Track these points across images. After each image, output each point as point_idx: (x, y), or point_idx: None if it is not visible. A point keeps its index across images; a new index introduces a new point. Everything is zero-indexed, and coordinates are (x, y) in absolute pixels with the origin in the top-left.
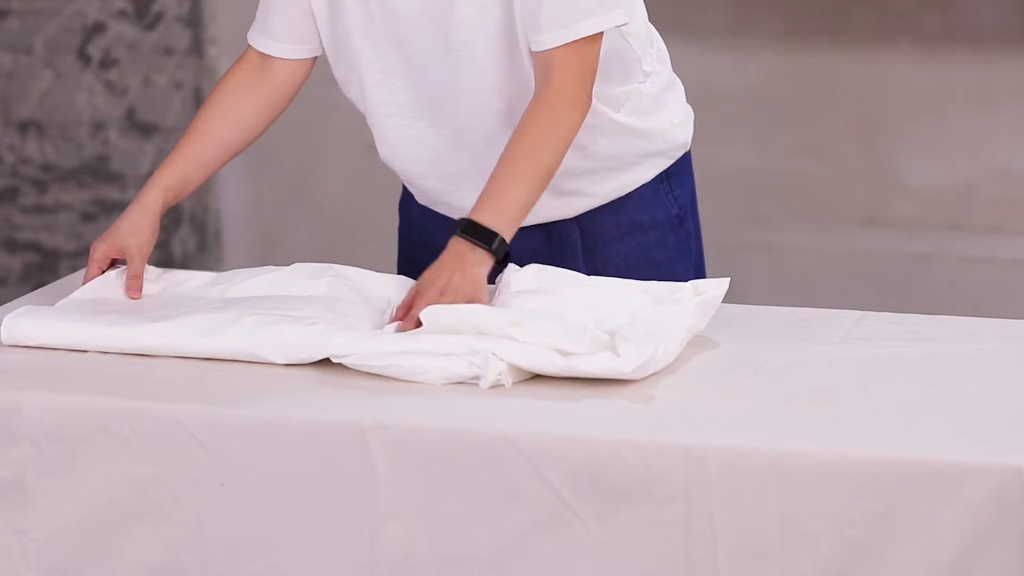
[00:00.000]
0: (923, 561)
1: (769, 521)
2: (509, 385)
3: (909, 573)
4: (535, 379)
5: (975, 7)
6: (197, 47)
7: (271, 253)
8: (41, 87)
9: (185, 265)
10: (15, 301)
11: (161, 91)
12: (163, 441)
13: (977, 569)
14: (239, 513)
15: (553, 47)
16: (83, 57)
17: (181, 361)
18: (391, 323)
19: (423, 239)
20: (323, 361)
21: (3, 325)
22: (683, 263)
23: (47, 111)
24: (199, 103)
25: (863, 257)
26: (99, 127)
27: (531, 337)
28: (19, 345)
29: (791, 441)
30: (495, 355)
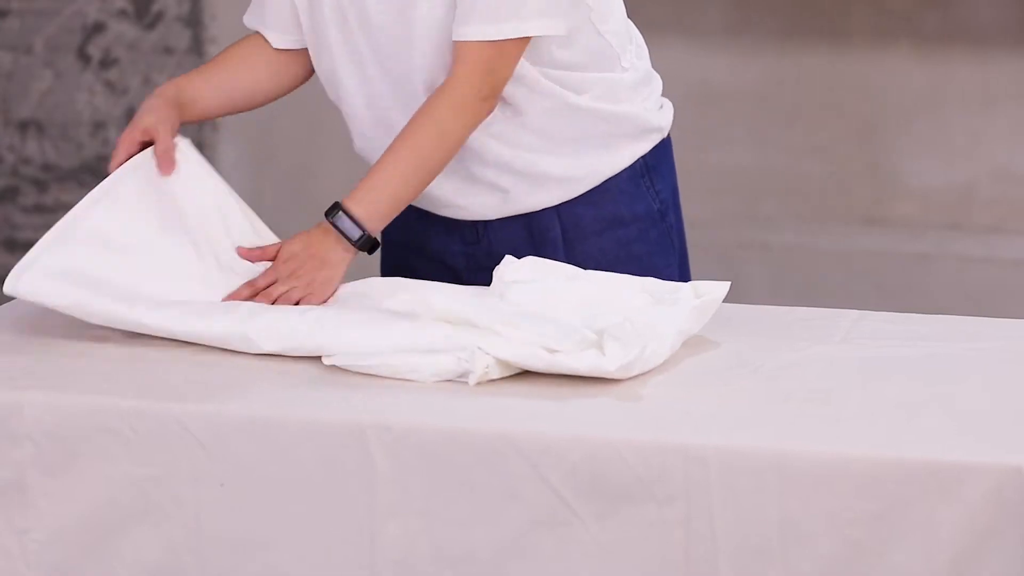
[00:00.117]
0: (923, 561)
1: (769, 521)
2: (496, 376)
3: (909, 573)
4: (534, 379)
5: (974, 7)
6: (197, 47)
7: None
8: (41, 87)
9: None
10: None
11: None
12: (163, 441)
13: (977, 569)
14: (239, 513)
15: (462, 40)
16: (83, 57)
17: (181, 361)
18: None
19: (407, 238)
20: (321, 360)
21: (12, 275)
22: (665, 258)
23: (47, 111)
24: None
25: (863, 257)
26: (99, 127)
27: (519, 334)
28: (22, 297)
29: (791, 441)
30: (481, 349)
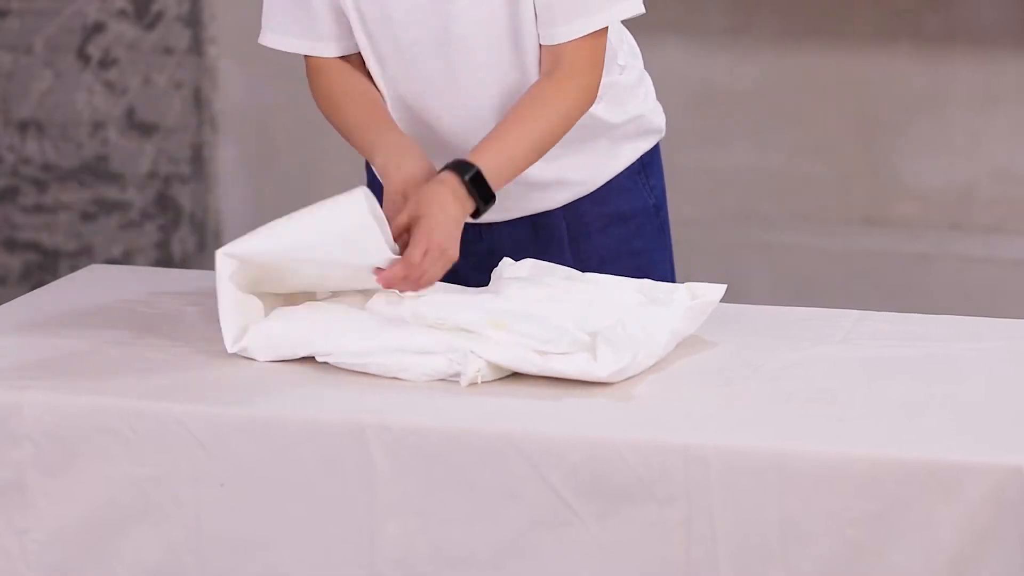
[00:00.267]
0: (922, 561)
1: (769, 521)
2: (489, 378)
3: (908, 573)
4: (534, 379)
5: (975, 7)
6: (197, 47)
7: None
8: (41, 87)
9: (185, 265)
10: (15, 301)
11: (161, 91)
12: (163, 441)
13: (976, 569)
14: (239, 513)
15: (567, 40)
16: (83, 57)
17: (181, 361)
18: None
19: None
20: (319, 361)
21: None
22: (661, 252)
23: (47, 111)
24: (199, 103)
25: (863, 257)
26: (99, 127)
27: (511, 337)
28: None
29: (791, 441)
30: (474, 352)
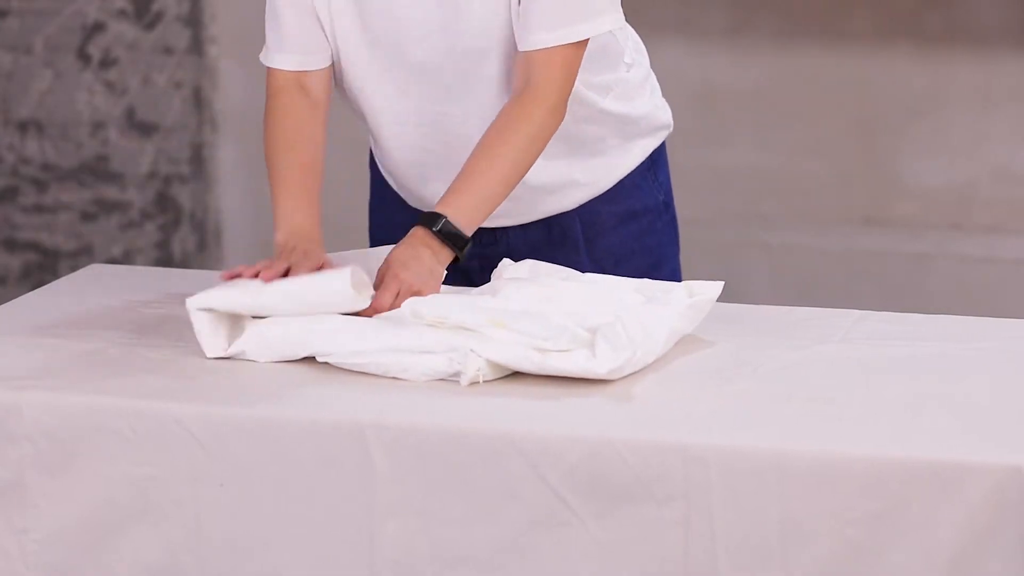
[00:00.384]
0: (923, 561)
1: (769, 521)
2: (489, 377)
3: (909, 573)
4: (533, 379)
5: (976, 7)
6: (197, 47)
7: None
8: (41, 87)
9: (185, 265)
10: (15, 301)
11: (161, 91)
12: (162, 441)
13: (977, 569)
14: (238, 513)
15: (539, 48)
16: (83, 57)
17: (180, 361)
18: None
19: None
20: (319, 361)
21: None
22: (672, 247)
23: (47, 111)
24: (199, 102)
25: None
26: (99, 126)
27: (510, 336)
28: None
29: (791, 441)
30: (473, 352)
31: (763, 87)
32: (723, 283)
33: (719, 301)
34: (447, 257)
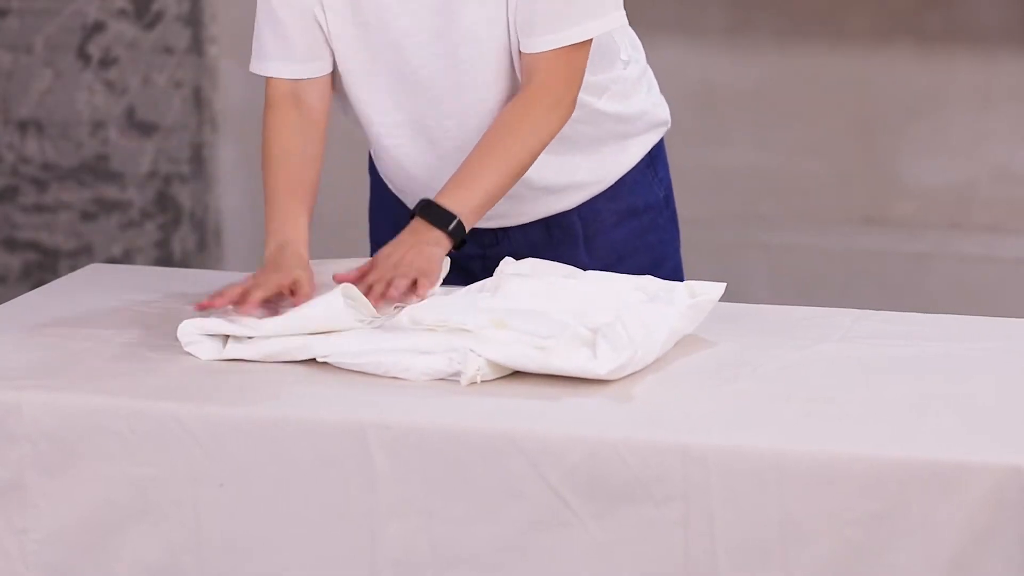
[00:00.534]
0: (923, 561)
1: (769, 521)
2: (489, 377)
3: (909, 573)
4: (533, 378)
5: (976, 7)
6: (197, 46)
7: None
8: (41, 86)
9: (185, 264)
10: (15, 301)
11: (161, 90)
12: (162, 441)
13: (977, 569)
14: (238, 513)
15: (542, 51)
16: (83, 56)
17: (180, 361)
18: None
19: None
20: (319, 361)
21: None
22: (673, 244)
23: (47, 110)
24: (199, 102)
25: (863, 257)
26: (99, 126)
27: (511, 335)
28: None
29: (790, 441)
30: (473, 351)
31: (763, 87)
32: (725, 284)
33: (719, 301)
34: (446, 244)
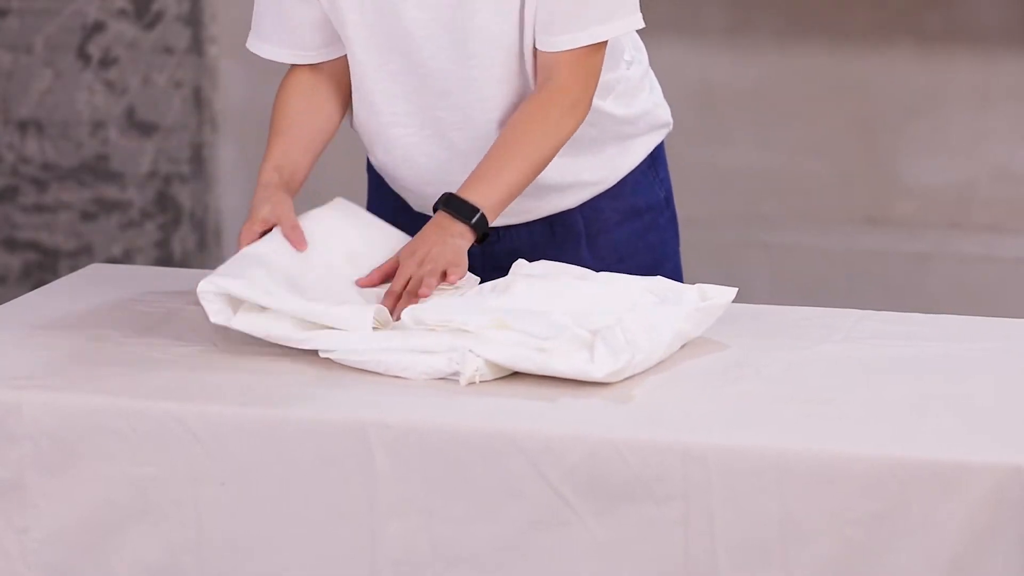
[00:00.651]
0: (923, 561)
1: (769, 520)
2: (488, 378)
3: (909, 573)
4: (534, 378)
5: (976, 6)
6: (197, 46)
7: None
8: (41, 86)
9: (185, 264)
10: (15, 301)
11: (161, 90)
12: (163, 440)
13: (977, 569)
14: (239, 513)
15: (562, 50)
16: (83, 56)
17: (181, 361)
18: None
19: None
20: (323, 360)
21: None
22: (673, 244)
23: (47, 110)
24: (199, 102)
25: (863, 257)
26: (99, 126)
27: (511, 336)
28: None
29: (791, 440)
30: (472, 352)
31: (763, 87)
32: (736, 289)
33: None
34: (469, 237)
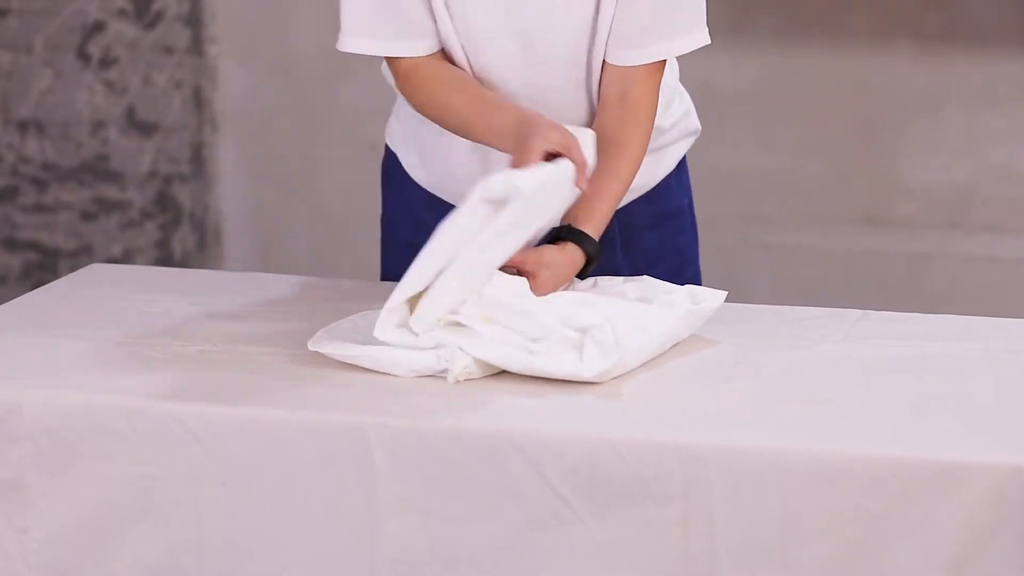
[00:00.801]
0: (923, 561)
1: (769, 520)
2: (477, 375)
3: (909, 573)
4: (531, 378)
5: (976, 6)
6: (197, 46)
7: (271, 253)
8: (41, 86)
9: (185, 264)
10: (15, 301)
11: (161, 90)
12: (163, 440)
13: (977, 569)
14: (239, 512)
15: (638, 64)
16: (83, 56)
17: (181, 361)
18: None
19: None
20: (323, 360)
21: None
22: (694, 248)
23: (47, 110)
24: (199, 102)
25: (863, 257)
26: (99, 126)
27: (499, 334)
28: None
29: (791, 440)
30: (462, 350)
31: (763, 87)
32: (726, 293)
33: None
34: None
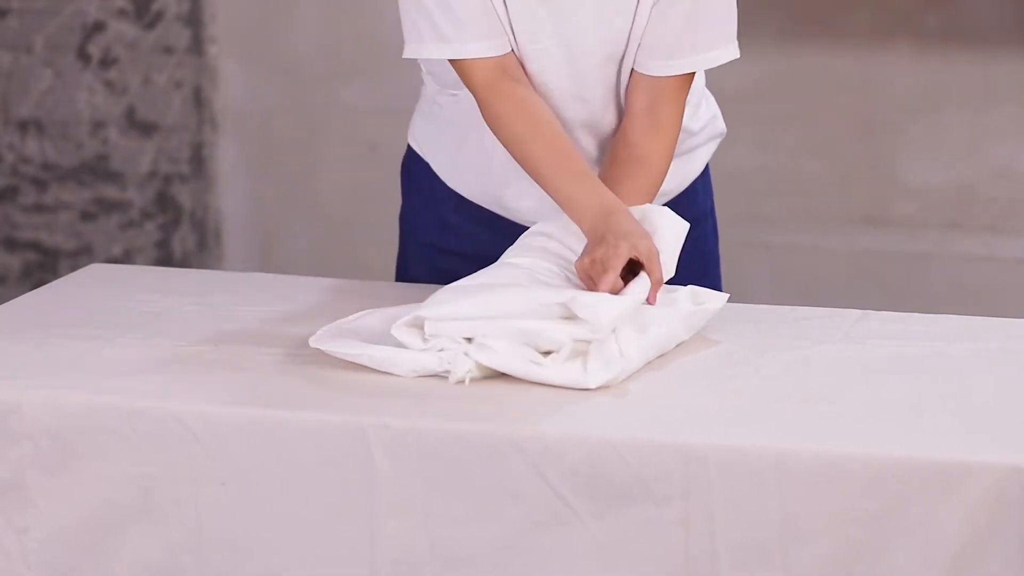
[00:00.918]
0: (923, 560)
1: (769, 520)
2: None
3: (909, 573)
4: None
5: (975, 6)
6: (197, 46)
7: (271, 253)
8: (41, 86)
9: (185, 264)
10: (15, 301)
11: (161, 90)
12: (163, 440)
13: (977, 569)
14: (239, 512)
15: (668, 75)
16: (83, 56)
17: (181, 361)
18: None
19: (462, 248)
20: (323, 360)
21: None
22: (715, 252)
23: (47, 110)
24: (199, 102)
25: (863, 257)
26: (99, 126)
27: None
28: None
29: (791, 440)
30: (466, 355)
31: (763, 87)
32: (728, 295)
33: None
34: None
